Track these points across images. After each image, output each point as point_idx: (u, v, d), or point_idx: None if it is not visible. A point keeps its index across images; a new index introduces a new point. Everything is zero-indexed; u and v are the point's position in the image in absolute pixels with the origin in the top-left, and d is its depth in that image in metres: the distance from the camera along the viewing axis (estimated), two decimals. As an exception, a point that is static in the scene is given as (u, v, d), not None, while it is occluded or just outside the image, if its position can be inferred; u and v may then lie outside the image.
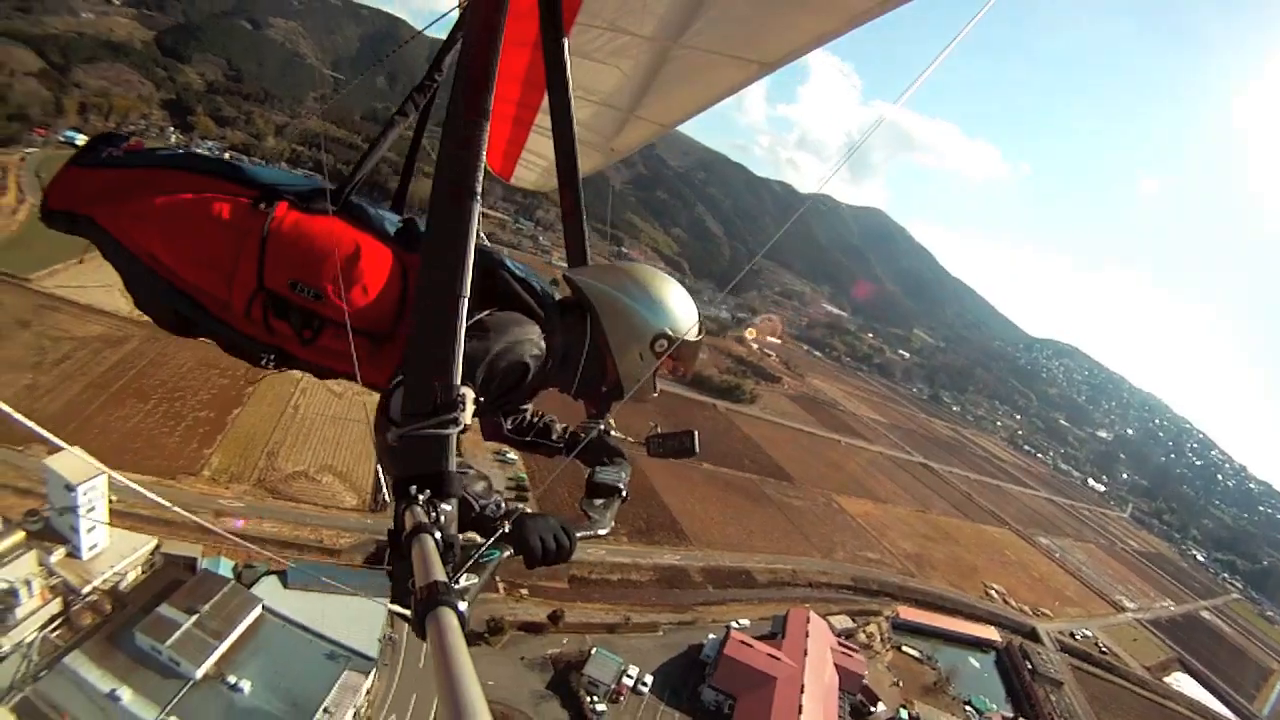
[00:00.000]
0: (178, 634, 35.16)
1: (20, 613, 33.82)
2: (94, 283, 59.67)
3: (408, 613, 1.49)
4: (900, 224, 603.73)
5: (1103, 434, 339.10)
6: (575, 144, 3.03)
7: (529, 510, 2.16)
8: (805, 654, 59.12)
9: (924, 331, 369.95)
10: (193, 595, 37.99)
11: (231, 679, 34.80)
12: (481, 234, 2.46)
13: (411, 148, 3.43)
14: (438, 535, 1.67)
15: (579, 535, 2.14)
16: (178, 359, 60.09)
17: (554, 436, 3.51)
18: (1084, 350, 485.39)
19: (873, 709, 60.97)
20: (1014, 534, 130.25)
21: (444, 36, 3.31)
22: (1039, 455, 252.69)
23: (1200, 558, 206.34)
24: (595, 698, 48.34)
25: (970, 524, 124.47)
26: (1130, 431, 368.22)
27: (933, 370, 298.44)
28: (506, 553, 1.92)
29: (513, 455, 71.08)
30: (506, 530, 2.00)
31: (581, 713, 46.68)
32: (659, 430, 3.61)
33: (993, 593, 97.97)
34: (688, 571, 72.60)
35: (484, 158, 2.26)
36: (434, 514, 1.76)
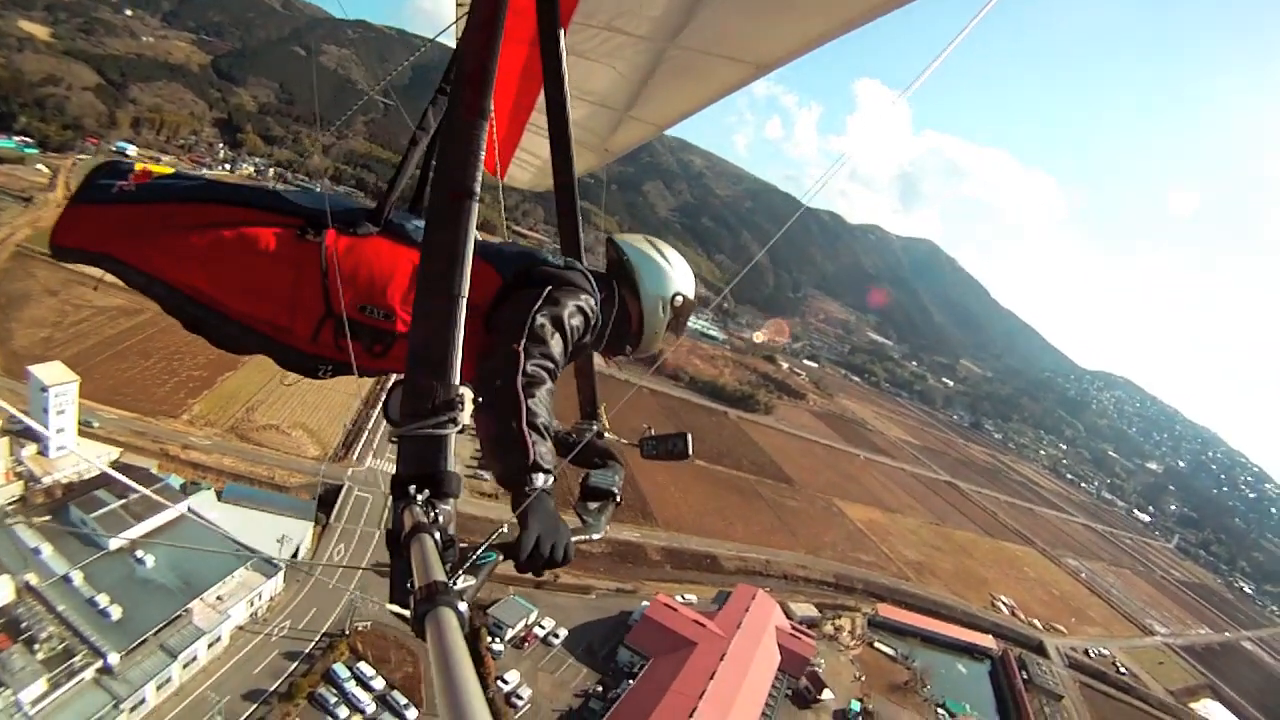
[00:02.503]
0: (103, 510, 41.16)
1: (-16, 487, 41.20)
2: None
3: (407, 613, 1.47)
4: (950, 255, 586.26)
5: (1152, 465, 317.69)
6: (571, 143, 3.02)
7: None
8: (739, 627, 58.79)
9: (971, 362, 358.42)
10: (126, 486, 44.24)
11: (139, 554, 40.04)
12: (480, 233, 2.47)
13: (426, 155, 3.37)
14: (437, 535, 1.67)
15: (574, 540, 2.05)
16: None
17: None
18: (1137, 383, 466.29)
19: (819, 697, 59.35)
20: (1038, 553, 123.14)
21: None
22: (1083, 484, 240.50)
23: (1248, 590, 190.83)
24: (497, 639, 49.72)
25: (989, 540, 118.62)
26: (1181, 464, 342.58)
27: (976, 399, 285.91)
28: (505, 555, 1.85)
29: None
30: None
31: (476, 649, 47.62)
32: (652, 432, 3.72)
33: (1000, 604, 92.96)
34: (645, 549, 73.19)
35: (483, 157, 2.28)
36: (433, 514, 1.75)
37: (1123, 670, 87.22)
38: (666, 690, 47.32)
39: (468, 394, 2.09)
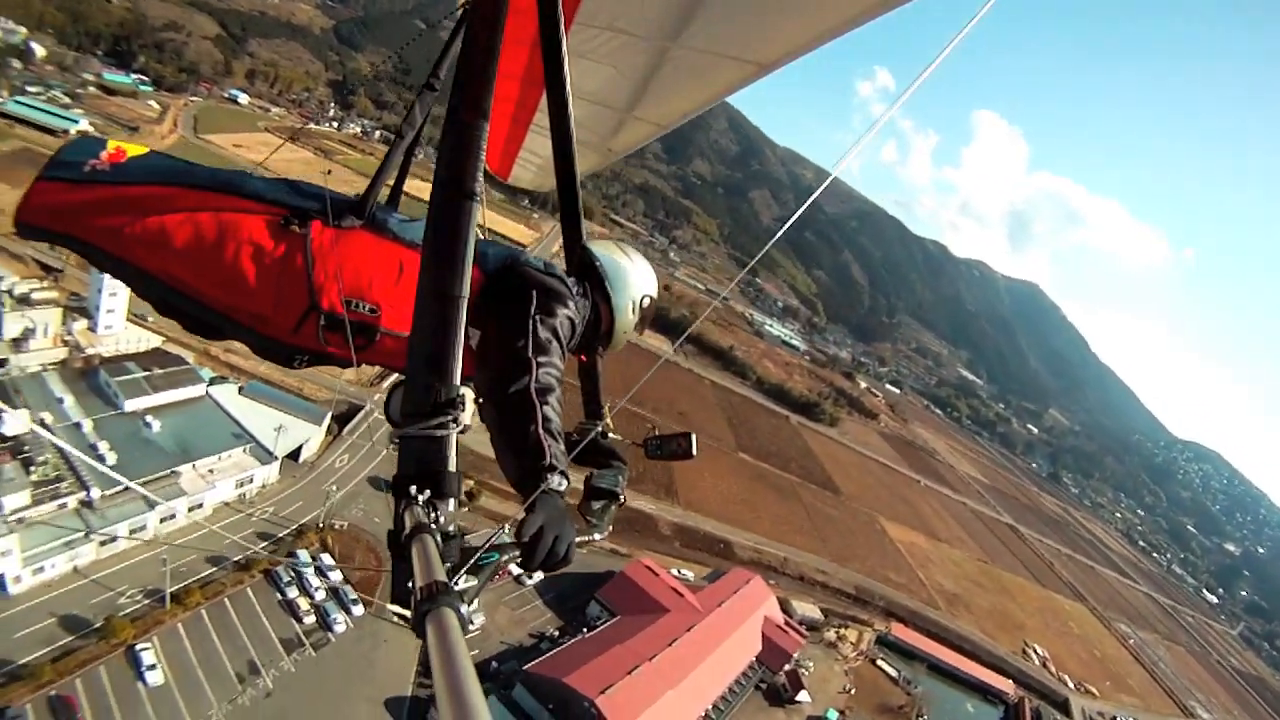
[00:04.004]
0: (127, 377, 45.54)
1: (33, 345, 46.33)
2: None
3: (407, 613, 1.48)
4: (1054, 301, 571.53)
5: (1230, 546, 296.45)
6: (573, 144, 2.96)
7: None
8: (720, 605, 57.67)
9: (1060, 412, 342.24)
10: (159, 365, 48.90)
11: (149, 418, 44.16)
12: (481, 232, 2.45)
13: (409, 148, 3.37)
14: (438, 535, 1.68)
15: (578, 539, 2.00)
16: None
17: None
18: (1228, 459, 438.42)
19: (795, 698, 56.89)
20: (1089, 611, 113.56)
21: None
22: (1154, 554, 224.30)
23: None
24: (466, 565, 51.05)
25: (1037, 587, 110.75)
26: (1261, 550, 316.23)
27: (1059, 450, 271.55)
28: (507, 556, 1.85)
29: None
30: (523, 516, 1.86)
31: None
32: (657, 432, 3.81)
33: (1032, 653, 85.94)
34: (657, 521, 72.49)
35: (483, 158, 2.28)
36: (434, 514, 1.77)
37: (1151, 748, 78.56)
38: (616, 644, 46.76)
39: (469, 394, 2.16)
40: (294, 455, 51.25)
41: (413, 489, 1.84)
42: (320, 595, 41.92)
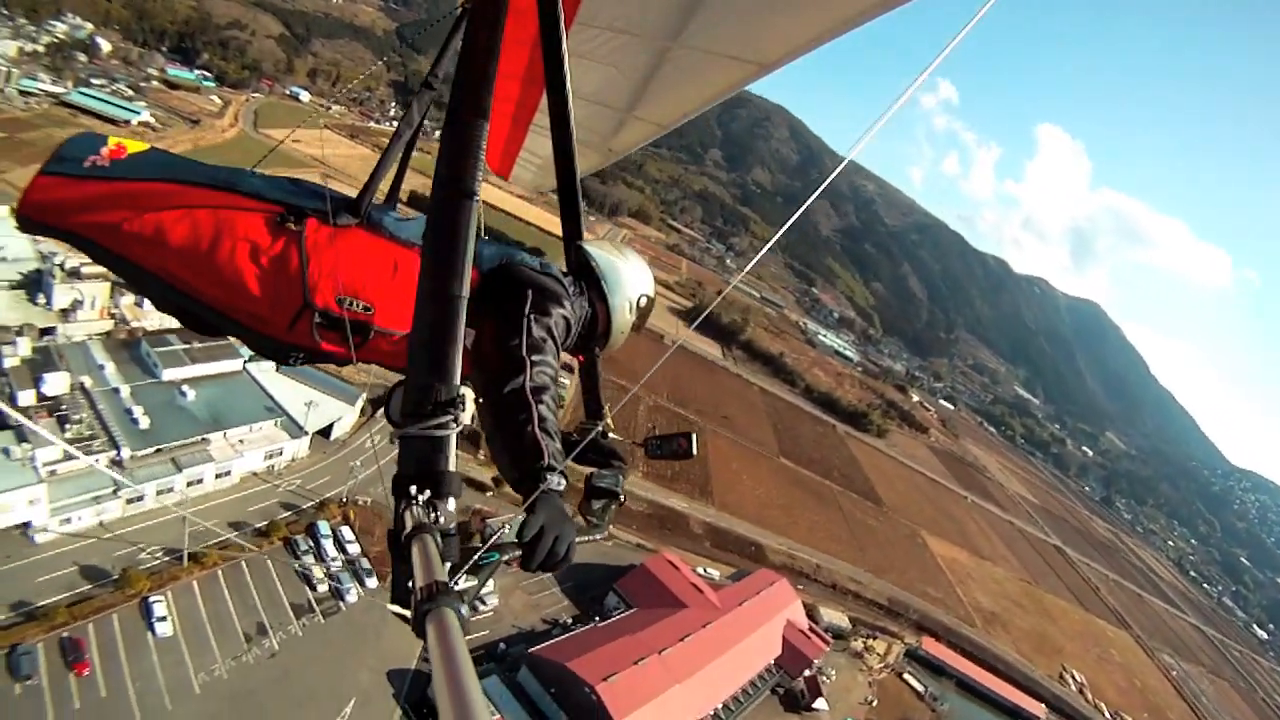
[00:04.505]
0: (167, 349, 47.31)
1: (80, 316, 48.55)
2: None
3: (407, 613, 1.49)
4: (1115, 321, 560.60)
5: None
6: (574, 144, 2.98)
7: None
8: (740, 604, 56.45)
9: (1116, 435, 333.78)
10: (199, 340, 50.51)
11: (185, 388, 45.67)
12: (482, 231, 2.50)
13: (407, 147, 3.38)
14: (438, 535, 1.69)
15: (578, 539, 2.08)
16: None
17: None
18: None
19: (812, 705, 55.26)
20: (1133, 639, 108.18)
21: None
22: (1205, 585, 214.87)
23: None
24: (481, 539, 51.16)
25: (1080, 611, 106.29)
26: None
27: (1114, 474, 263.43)
28: (507, 556, 1.88)
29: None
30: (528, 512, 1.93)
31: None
32: (657, 432, 3.78)
33: (1069, 678, 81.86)
34: (688, 520, 71.71)
35: (483, 158, 2.29)
36: (434, 514, 1.78)
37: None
38: (626, 635, 46.22)
39: (469, 394, 2.18)
40: (326, 433, 52.32)
41: (413, 489, 1.84)
42: (336, 566, 42.50)
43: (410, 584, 1.50)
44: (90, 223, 2.64)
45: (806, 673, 56.23)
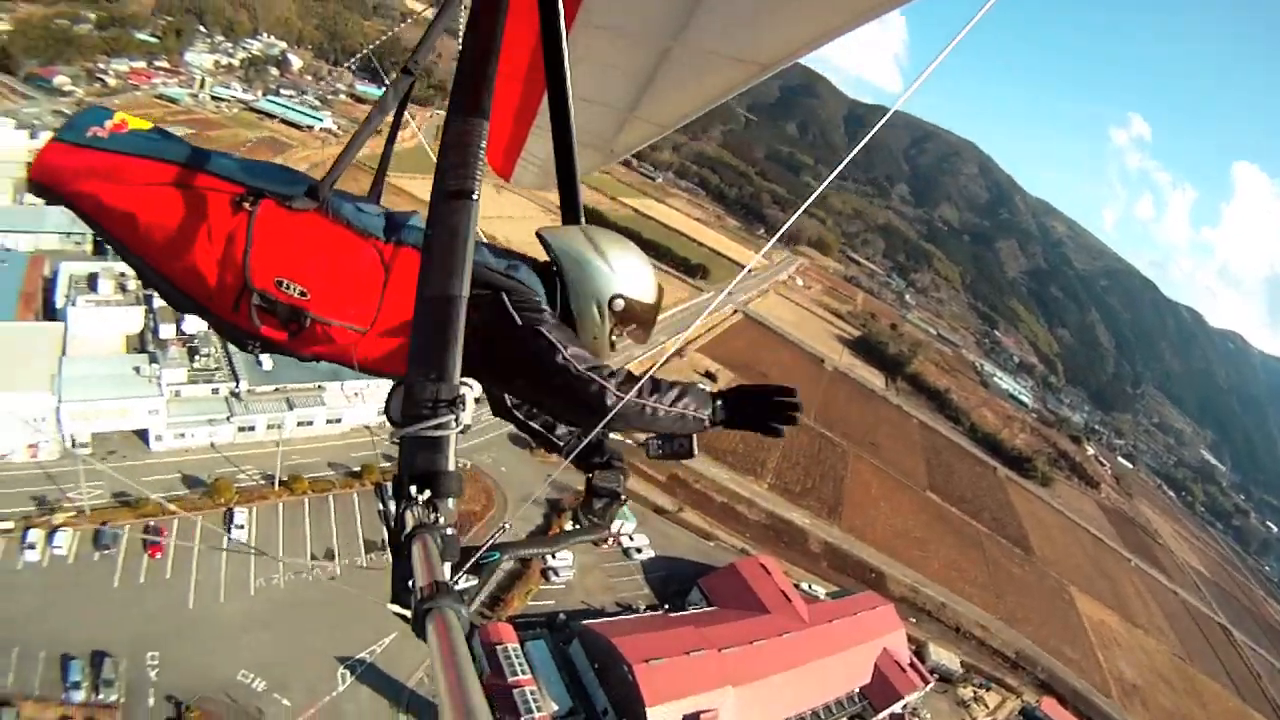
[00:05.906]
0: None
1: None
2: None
3: (406, 613, 1.49)
4: None
5: None
6: (574, 144, 2.97)
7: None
8: (831, 621, 52.08)
9: None
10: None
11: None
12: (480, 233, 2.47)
13: (389, 139, 3.36)
14: (438, 535, 1.68)
15: (577, 540, 2.23)
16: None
17: (557, 433, 3.46)
18: None
19: (891, 745, 49.82)
20: None
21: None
22: None
23: None
24: (571, 518, 50.70)
25: (1235, 699, 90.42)
26: None
27: None
28: (507, 555, 1.94)
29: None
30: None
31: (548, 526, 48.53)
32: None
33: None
34: (808, 536, 68.39)
35: (483, 158, 2.28)
36: (434, 514, 1.77)
37: None
38: (688, 626, 44.04)
39: (469, 394, 2.11)
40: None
41: (413, 489, 1.84)
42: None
43: (410, 583, 1.50)
44: (80, 192, 2.68)
45: (896, 708, 50.75)
